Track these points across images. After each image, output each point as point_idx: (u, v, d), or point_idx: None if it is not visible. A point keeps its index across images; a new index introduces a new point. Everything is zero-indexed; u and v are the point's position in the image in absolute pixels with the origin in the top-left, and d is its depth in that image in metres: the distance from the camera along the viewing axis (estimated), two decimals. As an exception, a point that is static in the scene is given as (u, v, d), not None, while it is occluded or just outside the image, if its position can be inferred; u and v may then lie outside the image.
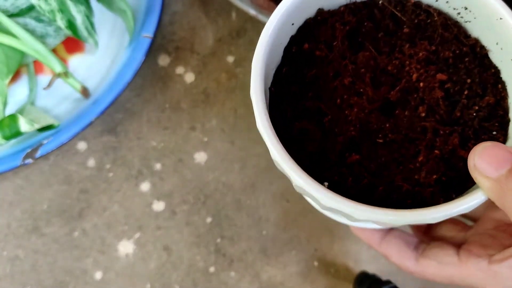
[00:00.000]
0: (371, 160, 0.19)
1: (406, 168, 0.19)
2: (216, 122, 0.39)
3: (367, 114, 0.20)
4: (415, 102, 0.20)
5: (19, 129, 0.33)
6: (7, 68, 0.35)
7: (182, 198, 0.37)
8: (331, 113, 0.20)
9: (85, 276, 0.35)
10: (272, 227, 0.36)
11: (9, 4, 0.36)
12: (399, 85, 0.20)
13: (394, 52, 0.21)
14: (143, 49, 0.36)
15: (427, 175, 0.19)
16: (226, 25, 0.41)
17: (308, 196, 0.19)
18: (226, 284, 0.35)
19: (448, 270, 0.21)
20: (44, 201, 0.37)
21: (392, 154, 0.19)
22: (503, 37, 0.20)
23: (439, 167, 0.19)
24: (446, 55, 0.21)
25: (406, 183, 0.19)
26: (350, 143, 0.20)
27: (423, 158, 0.19)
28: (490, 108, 0.20)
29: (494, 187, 0.17)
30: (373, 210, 0.17)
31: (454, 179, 0.19)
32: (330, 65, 0.21)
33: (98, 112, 0.34)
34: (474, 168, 0.17)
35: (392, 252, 0.23)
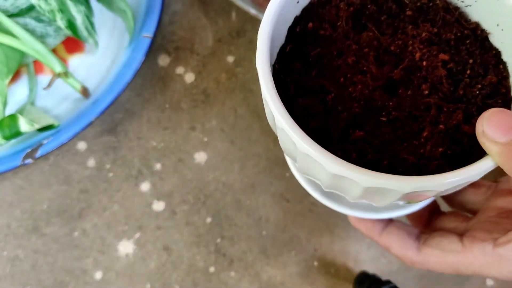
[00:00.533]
0: (375, 136, 0.19)
1: (411, 144, 0.19)
2: (216, 122, 0.39)
3: (371, 91, 0.20)
4: (418, 81, 0.20)
5: (19, 129, 0.33)
6: (7, 68, 0.35)
7: (182, 198, 0.37)
8: (334, 91, 0.20)
9: (85, 276, 0.35)
10: (272, 227, 0.36)
11: (9, 4, 0.36)
12: (402, 64, 0.20)
13: (397, 33, 0.21)
14: (143, 49, 0.36)
15: (432, 148, 0.18)
16: (226, 25, 0.41)
17: (311, 172, 0.19)
18: (226, 284, 0.35)
19: (451, 257, 0.21)
20: (44, 201, 0.37)
21: (397, 131, 0.19)
22: (503, 18, 0.20)
23: (444, 141, 0.19)
24: (448, 37, 0.21)
25: (411, 157, 0.19)
26: (354, 120, 0.19)
27: (427, 133, 0.19)
28: (493, 86, 0.20)
29: (503, 152, 0.16)
30: (380, 176, 0.17)
31: (459, 153, 0.19)
32: (334, 44, 0.21)
33: (98, 112, 0.34)
34: (483, 134, 0.17)
35: (393, 242, 0.23)
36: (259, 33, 0.20)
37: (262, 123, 0.38)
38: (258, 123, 0.38)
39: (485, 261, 0.20)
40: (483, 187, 0.24)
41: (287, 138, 0.19)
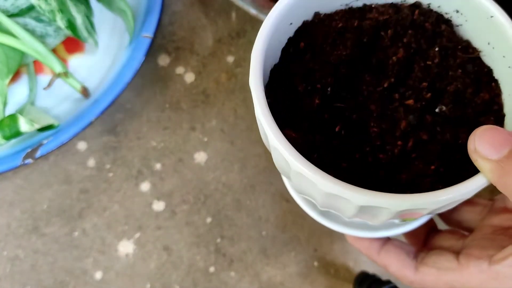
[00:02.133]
0: (367, 156, 0.20)
1: (403, 163, 0.19)
2: (216, 122, 0.39)
3: (364, 105, 0.20)
4: (410, 94, 0.20)
5: (19, 129, 0.33)
6: (7, 68, 0.35)
7: (182, 198, 0.37)
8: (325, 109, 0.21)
9: (85, 276, 0.35)
10: (272, 227, 0.36)
11: (9, 4, 0.36)
12: (391, 77, 0.21)
13: (395, 45, 0.22)
14: (143, 49, 0.36)
15: (424, 166, 0.19)
16: (226, 26, 0.41)
17: (306, 191, 0.20)
18: (226, 284, 0.35)
19: (448, 275, 0.21)
20: (44, 201, 0.37)
21: (389, 149, 0.20)
22: (494, 36, 0.21)
23: (437, 158, 0.19)
24: (436, 55, 0.21)
25: (404, 175, 0.19)
26: (347, 141, 0.20)
27: (419, 151, 0.19)
28: (485, 103, 0.20)
29: (495, 169, 0.16)
30: (373, 194, 0.17)
31: (451, 170, 0.19)
32: (322, 61, 0.22)
33: (98, 112, 0.34)
34: (475, 151, 0.17)
35: (391, 261, 0.23)
36: (252, 55, 0.21)
37: (262, 123, 0.38)
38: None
39: (481, 279, 0.20)
40: (479, 206, 0.24)
41: (281, 157, 0.19)
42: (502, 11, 0.20)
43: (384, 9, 0.23)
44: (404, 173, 0.19)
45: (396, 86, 0.21)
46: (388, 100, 0.21)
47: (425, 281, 0.22)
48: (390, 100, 0.21)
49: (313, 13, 0.23)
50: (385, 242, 0.23)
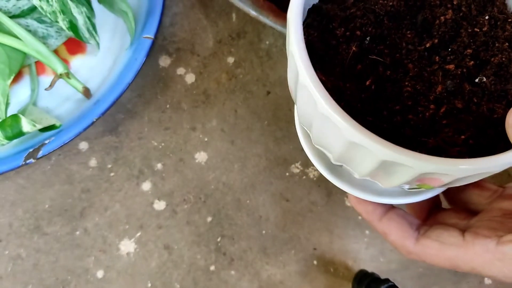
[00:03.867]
0: (397, 111, 0.19)
1: (433, 126, 0.18)
2: (216, 122, 0.39)
3: (407, 56, 0.19)
4: (462, 59, 0.20)
5: (21, 129, 0.33)
6: (9, 69, 0.36)
7: (183, 197, 0.37)
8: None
9: (86, 275, 0.35)
10: (272, 226, 0.36)
11: (11, 5, 0.36)
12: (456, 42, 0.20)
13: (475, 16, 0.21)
14: (144, 50, 0.36)
15: (454, 134, 0.18)
16: (226, 27, 0.42)
17: (325, 141, 0.19)
18: (226, 282, 0.35)
19: (451, 251, 0.20)
20: (46, 201, 0.37)
21: (420, 108, 0.19)
22: None
23: (468, 129, 0.18)
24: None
25: (432, 139, 0.18)
26: (382, 92, 0.19)
27: (450, 117, 0.18)
28: None
29: None
30: (400, 150, 0.16)
31: (481, 144, 0.18)
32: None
33: (100, 112, 0.34)
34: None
35: (392, 229, 0.22)
36: None
37: (262, 123, 0.39)
38: (258, 124, 0.39)
39: (486, 258, 0.19)
40: (489, 191, 0.24)
41: (310, 98, 0.18)
42: None
43: None
44: (432, 138, 0.18)
45: (438, 49, 0.20)
46: (428, 62, 0.20)
47: (426, 254, 0.21)
48: (429, 62, 0.20)
49: None
50: (388, 209, 0.23)
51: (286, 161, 0.38)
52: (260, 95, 0.39)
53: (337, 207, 0.37)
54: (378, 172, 0.19)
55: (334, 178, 0.26)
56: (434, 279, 0.35)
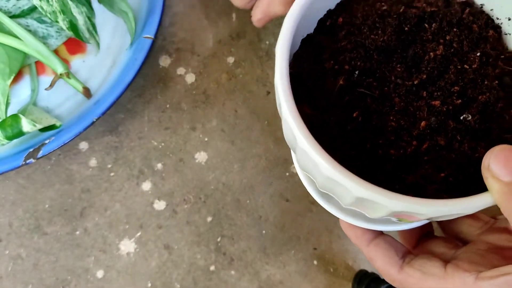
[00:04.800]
0: (378, 147, 0.19)
1: (417, 159, 0.18)
2: (216, 122, 0.39)
3: (388, 96, 0.19)
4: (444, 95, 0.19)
5: (21, 129, 0.33)
6: (10, 69, 0.36)
7: (183, 197, 0.37)
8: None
9: (86, 275, 0.35)
10: (272, 226, 0.36)
11: (11, 5, 0.36)
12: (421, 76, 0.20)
13: (439, 38, 0.21)
14: (144, 50, 0.36)
15: (434, 171, 0.18)
16: (226, 27, 0.42)
17: (308, 169, 0.19)
18: (226, 282, 0.35)
19: (431, 281, 0.20)
20: (46, 201, 0.37)
21: (401, 148, 0.19)
22: None
23: (449, 166, 0.18)
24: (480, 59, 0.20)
25: (411, 176, 0.18)
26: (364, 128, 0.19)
27: (431, 154, 0.19)
28: None
29: (504, 191, 0.16)
30: (371, 188, 0.17)
31: (460, 182, 0.18)
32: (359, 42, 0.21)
33: (100, 112, 0.34)
34: (488, 168, 0.17)
35: (378, 256, 0.22)
36: (285, 20, 0.20)
37: (262, 123, 0.39)
38: (258, 124, 0.39)
39: None
40: (481, 222, 0.24)
41: (290, 130, 0.18)
42: None
43: (434, 0, 0.21)
44: (411, 174, 0.18)
45: (426, 84, 0.20)
46: (415, 97, 0.19)
47: (407, 282, 0.21)
48: (416, 97, 0.19)
49: None
50: (377, 235, 0.23)
51: (286, 161, 0.38)
52: (260, 95, 0.39)
53: (337, 207, 0.37)
54: (358, 205, 0.19)
55: (325, 203, 0.27)
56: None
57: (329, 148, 0.18)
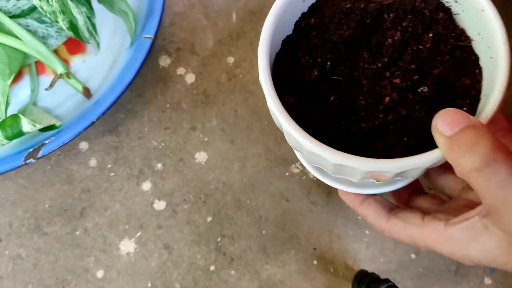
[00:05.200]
0: (351, 124, 0.23)
1: (383, 131, 0.22)
2: (216, 122, 0.39)
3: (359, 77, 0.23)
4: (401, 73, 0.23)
5: (21, 129, 0.33)
6: (9, 69, 0.36)
7: (183, 197, 0.37)
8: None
9: (86, 275, 0.35)
10: (272, 226, 0.36)
11: (11, 5, 0.36)
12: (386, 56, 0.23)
13: (396, 27, 0.24)
14: (144, 50, 0.36)
15: (399, 137, 0.22)
16: (226, 27, 0.42)
17: (295, 146, 0.23)
18: (226, 282, 0.35)
19: (411, 230, 0.24)
20: (46, 201, 0.37)
21: (370, 121, 0.23)
22: (484, 27, 0.23)
23: (410, 132, 0.22)
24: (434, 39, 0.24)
25: (379, 143, 0.22)
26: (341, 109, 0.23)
27: (395, 124, 0.22)
28: (465, 88, 0.23)
29: (447, 143, 0.20)
30: (343, 155, 0.21)
31: (421, 144, 0.21)
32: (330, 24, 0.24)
33: (100, 112, 0.35)
34: (435, 127, 0.20)
35: (369, 212, 0.26)
36: (264, 25, 0.23)
37: (262, 123, 0.39)
38: (258, 123, 0.39)
39: (436, 238, 0.23)
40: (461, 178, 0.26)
41: (275, 118, 0.22)
42: (492, 6, 0.22)
43: None
44: (380, 142, 0.22)
45: (388, 66, 0.23)
46: (379, 78, 0.23)
47: (393, 231, 0.25)
48: (380, 78, 0.23)
49: None
50: (367, 197, 0.27)
51: (286, 161, 0.38)
52: (260, 94, 0.39)
53: (337, 207, 0.37)
54: (339, 171, 0.22)
55: (319, 175, 0.31)
56: (434, 279, 0.35)
57: (312, 128, 0.22)
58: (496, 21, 0.22)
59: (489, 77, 0.22)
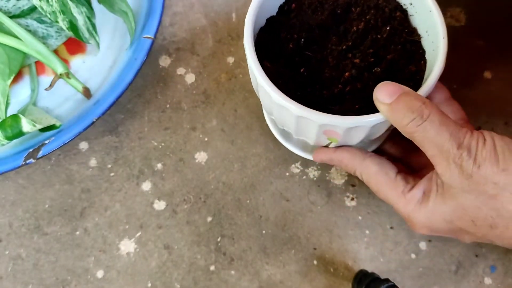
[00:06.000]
0: (320, 90, 0.28)
1: (340, 98, 0.27)
2: (216, 122, 0.39)
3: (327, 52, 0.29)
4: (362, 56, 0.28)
5: (21, 129, 0.33)
6: (9, 69, 0.36)
7: (183, 197, 0.37)
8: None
9: (86, 275, 0.35)
10: (272, 226, 0.36)
11: (11, 5, 0.36)
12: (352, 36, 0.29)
13: (362, 17, 0.29)
14: (144, 50, 0.36)
15: (352, 104, 0.27)
16: (226, 27, 0.42)
17: (266, 104, 0.28)
18: (226, 282, 0.35)
19: (381, 178, 0.29)
20: (46, 201, 0.37)
21: (331, 91, 0.28)
22: (430, 25, 0.28)
23: (362, 101, 0.27)
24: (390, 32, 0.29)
25: (337, 107, 0.27)
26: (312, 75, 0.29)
27: (350, 95, 0.27)
28: (411, 73, 0.28)
29: (387, 109, 0.24)
30: (304, 108, 0.25)
31: (369, 110, 0.26)
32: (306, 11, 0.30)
33: (100, 112, 0.35)
34: (376, 99, 0.25)
35: (345, 154, 0.30)
36: (250, 5, 0.28)
37: (262, 123, 0.39)
38: (258, 123, 0.39)
39: (398, 199, 0.28)
40: None
41: (253, 74, 0.27)
42: (437, 8, 0.27)
43: None
44: (337, 106, 0.27)
45: (351, 49, 0.28)
46: (343, 57, 0.28)
47: (364, 172, 0.29)
48: (344, 57, 0.28)
49: None
50: (338, 147, 0.30)
51: (286, 161, 0.38)
52: (260, 95, 0.39)
53: (337, 207, 0.37)
54: (298, 125, 0.27)
55: (284, 140, 0.36)
56: (434, 279, 0.35)
57: (283, 89, 0.26)
58: (440, 19, 0.27)
59: (431, 66, 0.27)
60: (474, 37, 0.41)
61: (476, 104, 0.39)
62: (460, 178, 0.23)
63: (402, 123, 0.24)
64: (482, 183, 0.23)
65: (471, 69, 0.40)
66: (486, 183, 0.23)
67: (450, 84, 0.31)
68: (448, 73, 0.28)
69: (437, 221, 0.26)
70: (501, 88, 0.40)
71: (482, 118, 0.39)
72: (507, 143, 0.23)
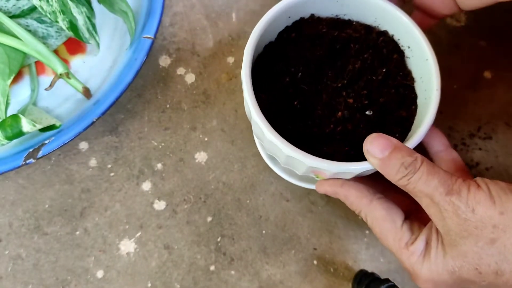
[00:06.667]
0: (308, 129, 0.28)
1: (330, 139, 0.27)
2: (216, 122, 0.39)
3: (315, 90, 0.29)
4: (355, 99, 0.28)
5: (21, 129, 0.33)
6: (9, 69, 0.36)
7: (183, 197, 0.37)
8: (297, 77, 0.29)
9: (86, 275, 0.35)
10: (272, 226, 0.36)
11: (10, 5, 0.36)
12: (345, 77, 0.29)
13: (361, 59, 0.29)
14: (144, 50, 0.36)
15: (342, 146, 0.27)
16: (226, 27, 0.42)
17: (259, 136, 0.27)
18: (226, 282, 0.35)
19: (388, 225, 0.27)
20: (46, 201, 0.37)
21: (322, 133, 0.27)
22: (425, 73, 0.28)
23: (351, 144, 0.27)
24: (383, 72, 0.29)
25: (326, 148, 0.27)
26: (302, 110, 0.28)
27: (339, 137, 0.27)
28: (401, 118, 0.28)
29: (379, 163, 0.24)
30: (295, 150, 0.25)
31: (358, 154, 0.26)
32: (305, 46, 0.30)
33: (100, 112, 0.34)
34: (367, 151, 0.25)
35: (352, 192, 0.28)
36: (251, 34, 0.28)
37: (262, 123, 0.39)
38: (258, 124, 0.39)
39: (399, 248, 0.27)
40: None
41: (247, 107, 0.27)
42: (434, 57, 0.27)
43: (360, 28, 0.30)
44: (326, 147, 0.27)
45: (346, 87, 0.28)
46: (337, 95, 0.28)
47: (370, 214, 0.28)
48: (338, 95, 0.28)
49: (310, 13, 0.30)
50: (347, 180, 0.29)
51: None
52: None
53: (337, 207, 0.37)
54: (289, 163, 0.26)
55: (272, 164, 0.36)
56: (434, 279, 0.35)
57: (275, 122, 0.26)
58: (435, 70, 0.27)
59: (421, 115, 0.27)
60: (474, 37, 0.41)
61: (477, 104, 0.39)
62: (455, 224, 0.23)
63: (394, 178, 0.24)
64: (480, 227, 0.22)
65: (471, 69, 0.40)
66: (485, 227, 0.22)
67: (450, 84, 0.31)
68: (448, 74, 0.28)
69: (440, 274, 0.24)
70: (501, 88, 0.40)
71: (483, 119, 0.39)
72: (502, 187, 0.23)
